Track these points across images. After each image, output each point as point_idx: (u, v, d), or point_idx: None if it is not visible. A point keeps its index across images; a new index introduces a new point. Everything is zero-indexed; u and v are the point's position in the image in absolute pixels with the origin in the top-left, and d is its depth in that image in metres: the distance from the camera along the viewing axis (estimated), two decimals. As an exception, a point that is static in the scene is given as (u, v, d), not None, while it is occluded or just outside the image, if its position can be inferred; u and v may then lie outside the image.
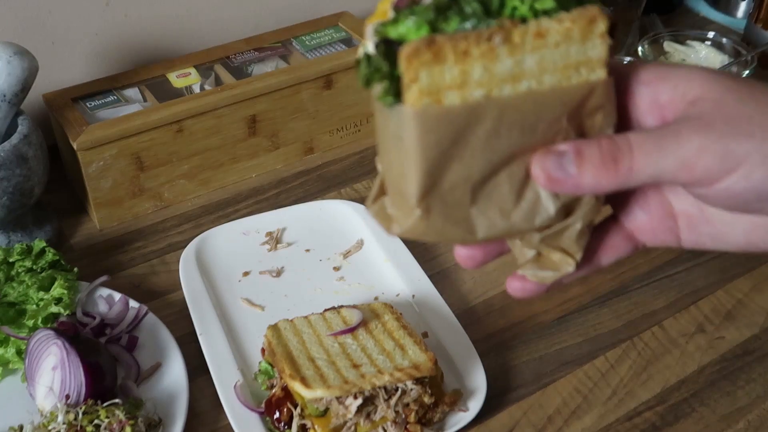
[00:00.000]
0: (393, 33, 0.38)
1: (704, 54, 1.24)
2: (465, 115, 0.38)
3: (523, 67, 0.39)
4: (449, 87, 0.38)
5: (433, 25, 0.38)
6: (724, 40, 1.24)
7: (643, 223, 0.46)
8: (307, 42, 1.10)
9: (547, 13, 0.39)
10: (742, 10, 1.41)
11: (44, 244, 0.85)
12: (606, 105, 0.41)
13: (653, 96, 0.42)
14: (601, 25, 0.39)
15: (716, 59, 1.22)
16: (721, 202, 0.41)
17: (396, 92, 0.38)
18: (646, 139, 0.40)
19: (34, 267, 0.84)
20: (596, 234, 0.46)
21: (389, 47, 0.38)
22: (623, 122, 0.43)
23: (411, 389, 0.71)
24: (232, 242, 0.94)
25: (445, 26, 0.38)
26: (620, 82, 0.42)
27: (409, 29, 0.38)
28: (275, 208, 0.99)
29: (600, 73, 0.40)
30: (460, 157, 0.40)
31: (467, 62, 0.38)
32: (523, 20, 0.38)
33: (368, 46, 0.39)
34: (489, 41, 0.37)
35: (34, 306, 0.81)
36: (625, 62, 0.45)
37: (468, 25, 0.38)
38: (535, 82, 0.39)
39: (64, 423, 0.68)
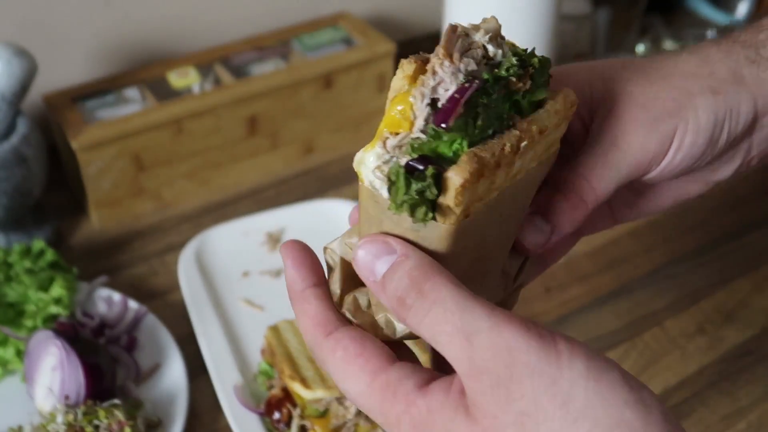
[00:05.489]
0: (445, 150, 0.35)
1: (704, 54, 1.24)
2: (484, 213, 0.38)
3: (524, 163, 0.39)
4: (478, 199, 0.37)
5: (471, 139, 0.36)
6: (725, 40, 1.24)
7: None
8: (307, 42, 1.10)
9: (540, 103, 0.39)
10: (742, 10, 1.41)
11: (43, 245, 0.85)
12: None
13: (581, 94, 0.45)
14: (575, 107, 0.41)
15: (716, 59, 1.22)
16: (667, 175, 0.45)
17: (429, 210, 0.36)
18: (594, 165, 0.43)
19: (34, 267, 0.84)
20: None
21: (426, 167, 0.35)
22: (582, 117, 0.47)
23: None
24: (232, 242, 0.94)
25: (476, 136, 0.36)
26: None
27: (457, 148, 0.36)
28: (275, 208, 0.99)
29: (556, 146, 0.42)
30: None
31: (496, 173, 0.37)
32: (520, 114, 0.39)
33: (402, 160, 0.36)
34: (518, 148, 0.37)
35: (34, 306, 0.80)
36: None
37: (489, 132, 0.37)
38: (524, 172, 0.39)
39: (63, 424, 0.68)
